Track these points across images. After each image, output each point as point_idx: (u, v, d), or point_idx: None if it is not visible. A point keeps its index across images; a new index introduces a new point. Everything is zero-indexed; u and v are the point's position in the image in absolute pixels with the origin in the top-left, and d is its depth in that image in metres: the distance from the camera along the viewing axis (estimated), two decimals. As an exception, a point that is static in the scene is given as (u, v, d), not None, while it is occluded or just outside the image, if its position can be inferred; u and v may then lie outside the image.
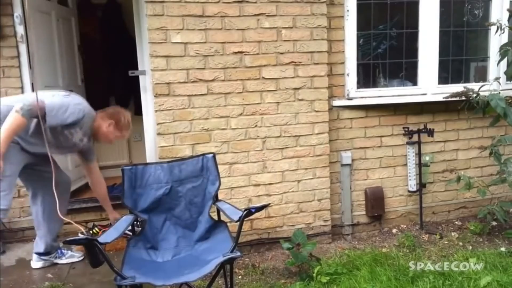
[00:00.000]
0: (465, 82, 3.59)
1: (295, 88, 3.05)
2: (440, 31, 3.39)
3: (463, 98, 3.13)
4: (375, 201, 3.41)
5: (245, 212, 1.99)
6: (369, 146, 3.40)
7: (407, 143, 3.42)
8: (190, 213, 2.41)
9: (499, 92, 3.13)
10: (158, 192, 2.36)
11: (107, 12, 4.76)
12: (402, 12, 3.42)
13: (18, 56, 3.13)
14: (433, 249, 3.08)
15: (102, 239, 1.88)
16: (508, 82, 3.47)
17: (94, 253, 1.80)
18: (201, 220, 2.39)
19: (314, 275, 2.63)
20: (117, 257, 2.81)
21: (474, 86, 3.21)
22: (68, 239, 1.71)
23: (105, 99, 4.84)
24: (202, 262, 2.07)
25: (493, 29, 3.22)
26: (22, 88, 3.15)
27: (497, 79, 3.20)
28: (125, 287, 1.84)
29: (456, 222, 3.61)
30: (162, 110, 2.85)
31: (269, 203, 2.94)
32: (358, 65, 3.34)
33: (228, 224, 2.37)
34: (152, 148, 3.20)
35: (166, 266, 2.18)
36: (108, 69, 4.67)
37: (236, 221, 2.04)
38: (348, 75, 3.29)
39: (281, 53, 2.98)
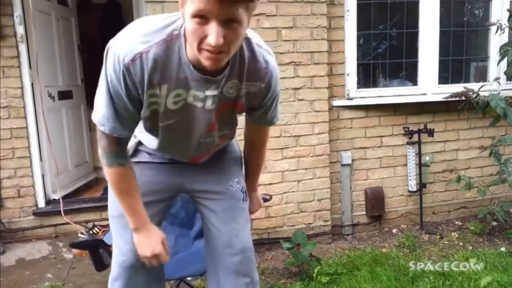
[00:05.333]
0: (465, 82, 3.59)
1: (295, 88, 3.05)
2: (440, 31, 3.38)
3: (463, 98, 3.13)
4: (375, 201, 3.40)
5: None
6: (369, 146, 3.39)
7: (407, 143, 3.42)
8: (186, 212, 2.41)
9: (499, 92, 3.13)
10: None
11: (107, 12, 4.76)
12: (402, 12, 3.42)
13: (18, 56, 3.13)
14: (433, 249, 3.07)
15: (108, 239, 1.85)
16: (508, 82, 3.47)
17: (98, 257, 1.78)
18: (198, 217, 2.39)
19: (314, 275, 2.63)
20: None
21: (474, 86, 3.20)
22: (74, 242, 1.69)
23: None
24: (202, 259, 2.07)
25: (493, 29, 3.22)
26: (22, 88, 3.15)
27: (497, 79, 3.19)
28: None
29: (456, 222, 3.61)
30: (162, 110, 2.85)
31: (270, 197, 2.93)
32: (358, 65, 3.33)
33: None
34: (152, 148, 3.19)
35: (167, 264, 2.17)
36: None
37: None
38: (348, 75, 3.29)
39: (281, 53, 2.98)
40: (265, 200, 1.99)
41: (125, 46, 1.12)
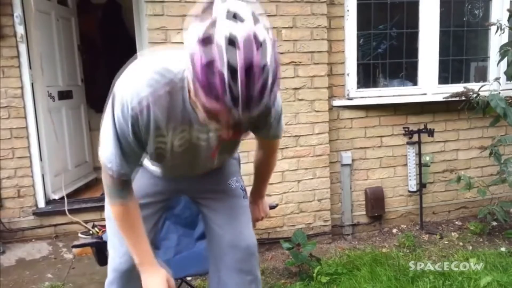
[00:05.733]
0: (465, 82, 3.59)
1: (295, 88, 3.05)
2: (440, 31, 3.38)
3: (463, 98, 3.13)
4: (375, 201, 3.40)
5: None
6: (369, 146, 3.39)
7: (407, 143, 3.42)
8: (190, 211, 2.41)
9: (499, 92, 3.12)
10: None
11: (107, 12, 4.76)
12: (402, 12, 3.42)
13: (18, 56, 3.13)
14: (433, 249, 3.07)
15: (106, 238, 1.88)
16: (508, 82, 3.47)
17: (102, 252, 1.81)
18: (201, 218, 2.39)
19: (314, 275, 2.63)
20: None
21: (474, 86, 3.20)
22: (77, 243, 1.70)
23: (105, 99, 4.84)
24: (205, 259, 2.07)
25: (493, 29, 3.22)
26: (22, 88, 3.15)
27: (497, 79, 3.19)
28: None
29: (456, 222, 3.60)
30: (162, 110, 2.85)
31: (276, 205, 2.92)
32: (358, 65, 3.33)
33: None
34: (152, 148, 3.19)
35: (170, 263, 2.17)
36: (108, 69, 4.67)
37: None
38: (348, 75, 3.29)
39: (281, 53, 2.98)
40: (272, 207, 2.00)
41: (131, 91, 1.15)
